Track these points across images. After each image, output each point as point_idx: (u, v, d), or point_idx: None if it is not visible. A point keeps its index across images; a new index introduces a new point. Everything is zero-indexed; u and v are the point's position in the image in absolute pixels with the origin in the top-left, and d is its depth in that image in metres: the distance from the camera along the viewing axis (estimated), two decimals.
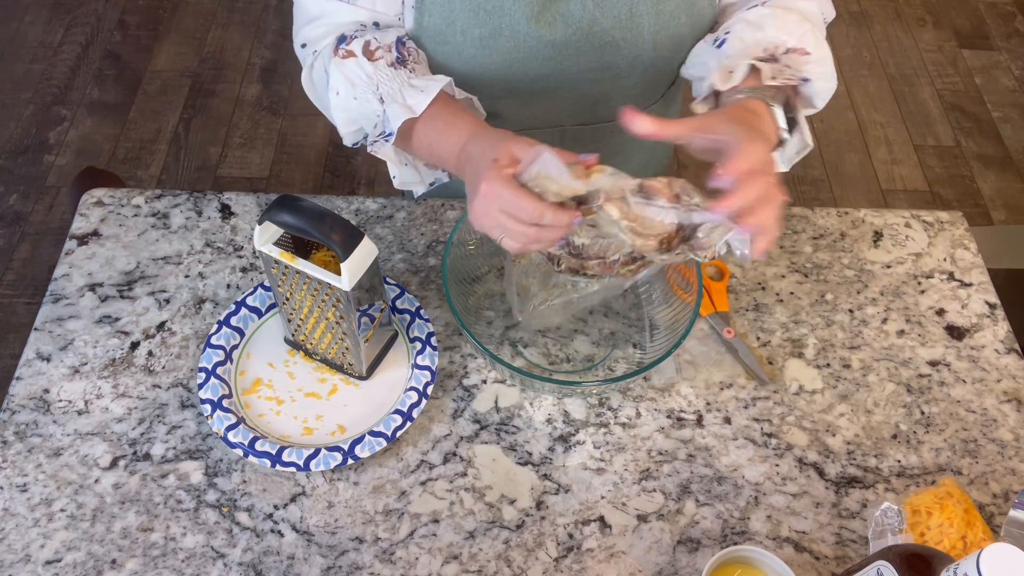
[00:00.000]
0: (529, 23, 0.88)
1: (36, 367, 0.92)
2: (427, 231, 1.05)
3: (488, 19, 0.88)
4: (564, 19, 0.89)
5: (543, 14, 0.88)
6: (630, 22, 0.90)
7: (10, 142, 2.28)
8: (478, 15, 0.88)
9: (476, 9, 0.87)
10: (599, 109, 1.02)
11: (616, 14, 0.89)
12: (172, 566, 0.80)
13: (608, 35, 0.91)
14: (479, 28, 0.88)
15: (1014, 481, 0.89)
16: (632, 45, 0.92)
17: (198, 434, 0.88)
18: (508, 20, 0.88)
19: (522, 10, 0.87)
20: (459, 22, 0.88)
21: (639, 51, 0.92)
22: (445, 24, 0.89)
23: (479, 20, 0.88)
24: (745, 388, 0.94)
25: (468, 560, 0.81)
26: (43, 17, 2.58)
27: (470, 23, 0.88)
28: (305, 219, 0.77)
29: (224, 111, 2.38)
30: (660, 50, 0.93)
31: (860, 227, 1.09)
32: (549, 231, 0.72)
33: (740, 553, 0.76)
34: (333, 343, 0.89)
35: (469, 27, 0.88)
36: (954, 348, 0.98)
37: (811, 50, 0.87)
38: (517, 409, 0.91)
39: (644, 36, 0.91)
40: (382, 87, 0.85)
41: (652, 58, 0.94)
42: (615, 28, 0.90)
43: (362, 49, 0.86)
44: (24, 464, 0.85)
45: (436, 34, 0.90)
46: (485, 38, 0.89)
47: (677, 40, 0.92)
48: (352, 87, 0.87)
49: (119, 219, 1.04)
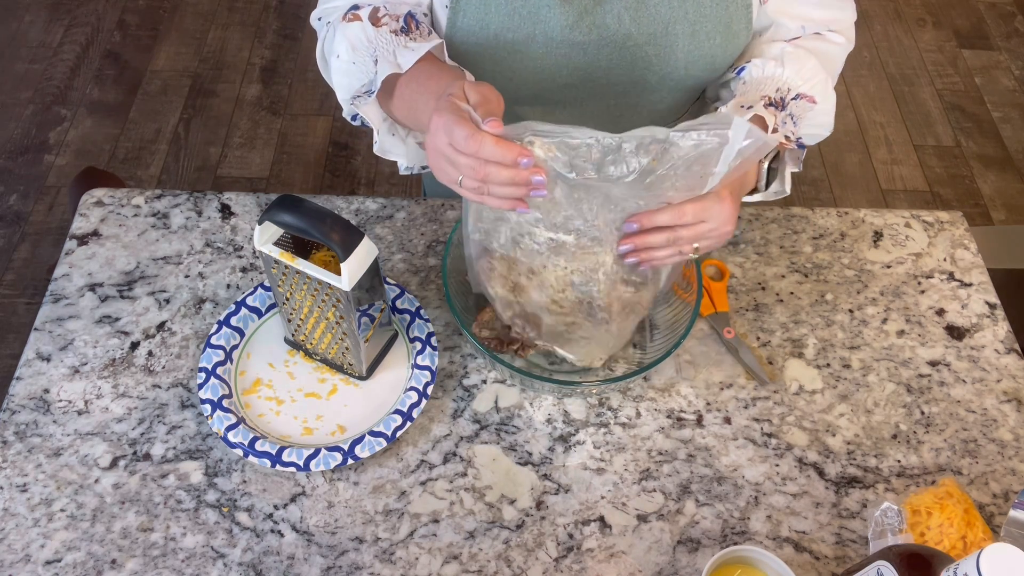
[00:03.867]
0: (563, 31, 0.88)
1: (36, 367, 0.92)
2: (427, 231, 1.05)
3: (522, 24, 0.88)
4: (599, 30, 0.89)
5: (578, 23, 0.88)
6: (665, 39, 0.90)
7: (10, 142, 2.28)
8: (513, 19, 0.87)
9: (511, 13, 0.87)
10: (624, 122, 1.01)
11: (651, 30, 0.89)
12: (172, 566, 0.80)
13: (641, 50, 0.90)
14: (512, 33, 0.88)
15: (1014, 481, 0.89)
16: (664, 62, 0.92)
17: (198, 434, 0.88)
18: (543, 27, 0.88)
19: (557, 18, 0.87)
20: (493, 25, 0.88)
21: (670, 69, 0.92)
22: (479, 26, 0.89)
23: (513, 24, 0.88)
24: (745, 388, 0.94)
25: (468, 560, 0.81)
26: (43, 17, 2.58)
27: (504, 27, 0.88)
28: (305, 219, 0.77)
29: (224, 111, 2.38)
30: (691, 69, 0.93)
31: (860, 227, 1.09)
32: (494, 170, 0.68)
33: (740, 553, 0.76)
34: (333, 343, 0.89)
35: (503, 31, 0.88)
36: (954, 348, 0.98)
37: (819, 100, 0.91)
38: (517, 409, 0.91)
39: (677, 55, 0.91)
40: (379, 50, 0.84)
41: (683, 76, 0.94)
42: (649, 44, 0.90)
43: (369, 15, 0.86)
44: (24, 464, 0.85)
45: (469, 35, 0.90)
46: (518, 43, 0.89)
47: (710, 61, 0.92)
48: (352, 51, 0.85)
49: (119, 219, 1.04)
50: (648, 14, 0.88)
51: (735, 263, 1.04)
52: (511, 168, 0.68)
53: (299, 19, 2.63)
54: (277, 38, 2.58)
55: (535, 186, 0.69)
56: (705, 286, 0.99)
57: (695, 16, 0.88)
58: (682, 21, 0.89)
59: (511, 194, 0.70)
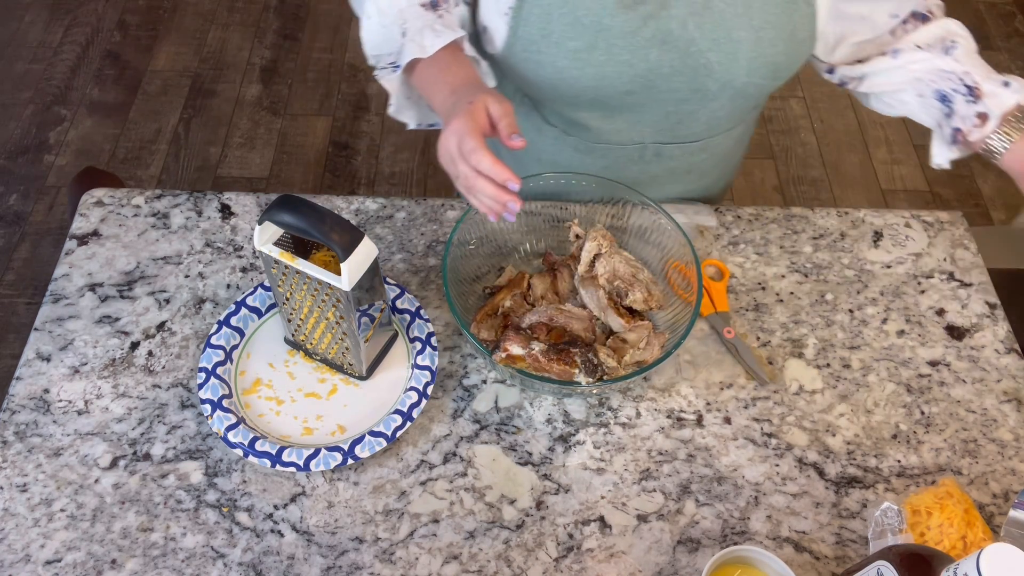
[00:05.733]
0: (626, 38, 0.88)
1: (36, 367, 0.92)
2: (427, 231, 1.05)
3: (584, 32, 0.88)
4: (662, 37, 0.88)
5: (641, 30, 0.88)
6: (728, 46, 0.89)
7: (10, 142, 2.28)
8: (575, 28, 0.88)
9: (574, 22, 0.87)
10: (681, 129, 1.01)
11: (715, 36, 0.89)
12: (172, 566, 0.80)
13: (703, 56, 0.90)
14: (575, 41, 0.88)
15: (1014, 481, 0.89)
16: (726, 69, 0.91)
17: (198, 434, 0.88)
18: (605, 35, 0.88)
19: (620, 25, 0.87)
20: (555, 34, 0.89)
21: (732, 75, 0.92)
22: (541, 35, 0.89)
23: (576, 33, 0.88)
24: (745, 388, 0.94)
25: (468, 560, 0.81)
26: (43, 17, 2.58)
27: (566, 35, 0.88)
28: (305, 219, 0.77)
29: (224, 111, 2.38)
30: (753, 76, 0.92)
31: (860, 227, 1.09)
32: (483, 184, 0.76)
33: (740, 553, 0.76)
34: (333, 343, 0.89)
35: (565, 39, 0.89)
36: (954, 348, 0.98)
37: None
38: (517, 409, 0.91)
39: (740, 61, 0.91)
40: (408, 23, 0.88)
41: (744, 83, 0.94)
42: (711, 50, 0.90)
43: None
44: (24, 464, 0.85)
45: (530, 44, 0.90)
46: (580, 51, 0.89)
47: (772, 68, 0.92)
48: (381, 16, 0.90)
49: (119, 219, 1.04)
50: (712, 20, 0.88)
51: (735, 263, 1.04)
52: (496, 188, 0.76)
53: (299, 19, 2.63)
54: (277, 38, 2.58)
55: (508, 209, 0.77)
56: (705, 286, 1.00)
57: (759, 22, 0.88)
58: (746, 27, 0.88)
59: (492, 206, 0.78)
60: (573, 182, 0.99)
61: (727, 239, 1.06)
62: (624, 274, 0.93)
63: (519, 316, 0.92)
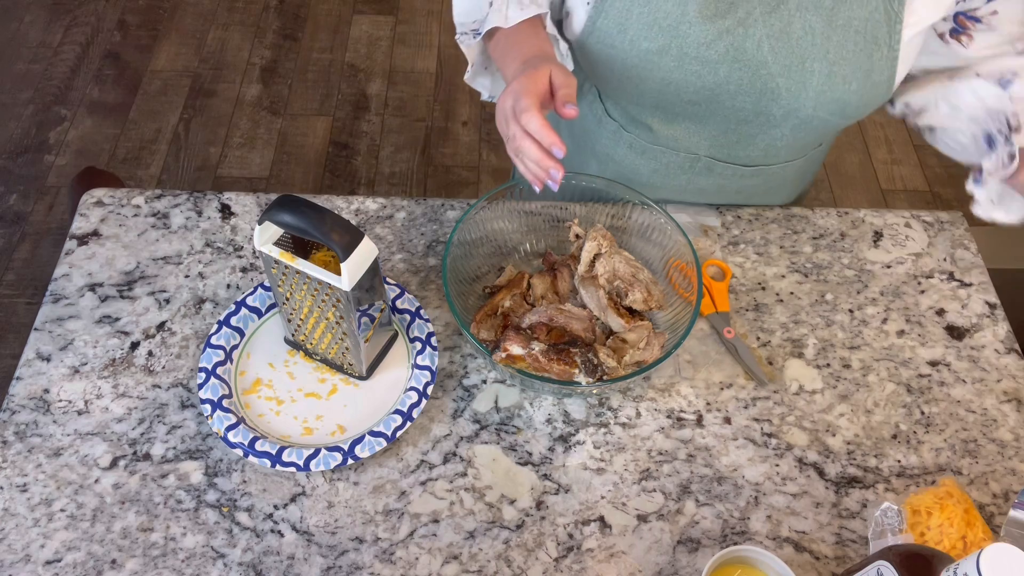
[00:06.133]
0: (699, 48, 0.87)
1: (36, 367, 0.92)
2: (427, 231, 1.05)
3: (660, 35, 0.88)
4: (735, 52, 0.88)
5: (716, 42, 0.87)
6: (799, 74, 0.88)
7: (10, 142, 2.28)
8: (652, 29, 0.88)
9: (651, 23, 0.87)
10: (739, 150, 1.00)
11: (788, 62, 0.88)
12: (172, 566, 0.80)
13: (773, 80, 0.89)
14: (649, 42, 0.88)
15: (1014, 481, 0.89)
16: (793, 97, 0.90)
17: (198, 434, 0.88)
18: (679, 41, 0.87)
19: (697, 34, 0.87)
20: (631, 31, 0.88)
21: (798, 105, 0.91)
22: (617, 30, 0.89)
23: (651, 34, 0.88)
24: (745, 388, 0.94)
25: (468, 560, 0.81)
26: (43, 17, 2.58)
27: (641, 35, 0.88)
28: (305, 219, 0.77)
29: (224, 111, 2.38)
30: (819, 110, 0.91)
31: (860, 227, 1.09)
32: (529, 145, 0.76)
33: (740, 553, 0.76)
34: (333, 343, 0.89)
35: (639, 38, 0.89)
36: (954, 348, 0.98)
37: None
38: (517, 409, 0.91)
39: (808, 92, 0.89)
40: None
41: (809, 115, 0.92)
42: (782, 75, 0.88)
43: None
44: (24, 464, 0.85)
45: (605, 36, 0.90)
46: (652, 52, 0.89)
47: (841, 105, 0.91)
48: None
49: (119, 219, 1.04)
50: (788, 45, 0.87)
51: (735, 263, 1.04)
52: (541, 152, 0.77)
53: (299, 19, 2.63)
54: (277, 38, 2.58)
55: (551, 177, 0.78)
56: (707, 285, 1.00)
57: (835, 56, 0.87)
58: (821, 59, 0.87)
59: (536, 172, 0.78)
60: (573, 182, 0.99)
61: (727, 239, 1.06)
62: (624, 274, 0.93)
63: (519, 316, 0.92)
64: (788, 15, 0.86)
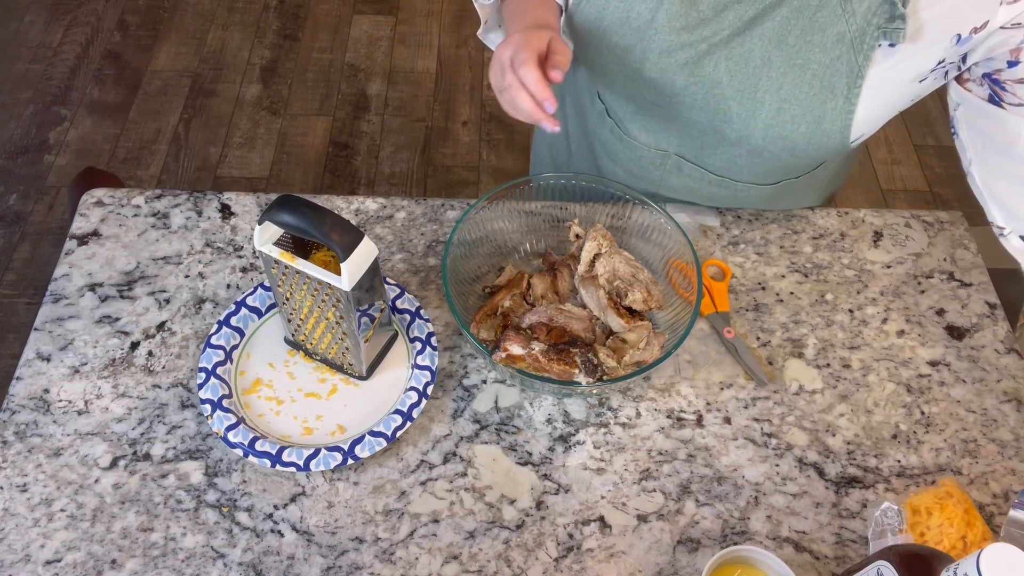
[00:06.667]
0: (660, 56, 0.88)
1: (36, 367, 0.92)
2: (427, 231, 1.05)
3: (628, 34, 0.88)
4: (691, 67, 0.88)
5: (676, 52, 0.87)
6: (751, 102, 0.88)
7: (10, 142, 2.28)
8: (623, 26, 0.88)
9: (624, 20, 0.88)
10: (704, 156, 1.00)
11: (741, 87, 0.88)
12: (172, 566, 0.80)
13: (725, 102, 0.89)
14: (619, 38, 0.89)
15: (1014, 481, 0.89)
16: (743, 123, 0.90)
17: (198, 434, 0.88)
18: (643, 45, 0.88)
19: (661, 41, 0.87)
20: (606, 22, 0.89)
21: (748, 132, 0.90)
22: (595, 18, 0.90)
23: (622, 31, 0.89)
24: (745, 388, 0.94)
25: (468, 560, 0.81)
26: (43, 17, 2.58)
27: (614, 29, 0.89)
28: (305, 219, 0.77)
29: (224, 111, 2.38)
30: (768, 143, 0.90)
31: (860, 227, 1.09)
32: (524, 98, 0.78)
33: (740, 553, 0.76)
34: (333, 343, 0.89)
35: (610, 33, 0.90)
36: (954, 348, 0.98)
37: None
38: (517, 409, 0.91)
39: (757, 122, 0.89)
40: None
41: (760, 146, 0.91)
42: (734, 99, 0.88)
43: None
44: (24, 464, 0.85)
45: (585, 21, 0.91)
46: (621, 48, 0.90)
47: (789, 143, 0.89)
48: None
49: (119, 219, 1.04)
50: (744, 71, 0.87)
51: (735, 263, 1.04)
52: (534, 105, 0.79)
53: (299, 19, 2.63)
54: (277, 38, 2.58)
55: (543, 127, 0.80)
56: (707, 285, 1.00)
57: (787, 94, 0.86)
58: (774, 93, 0.86)
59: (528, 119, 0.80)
60: (573, 182, 0.99)
61: (727, 239, 1.06)
62: (624, 274, 0.93)
63: (519, 316, 0.92)
64: (751, 43, 0.86)
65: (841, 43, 0.82)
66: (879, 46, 0.82)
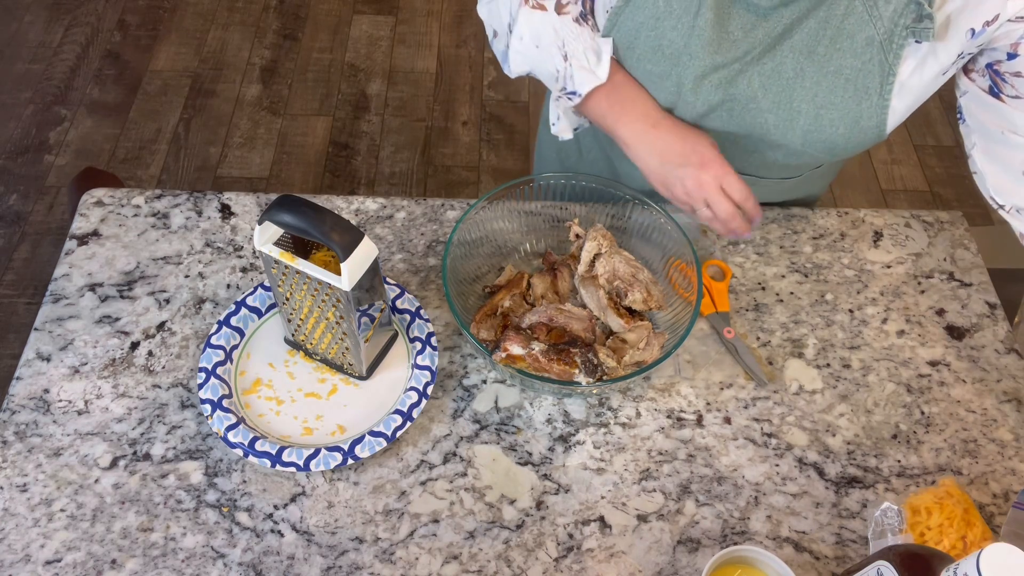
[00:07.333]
0: (695, 80, 0.88)
1: (36, 367, 0.92)
2: (427, 231, 1.05)
3: (662, 60, 0.89)
4: (725, 87, 0.89)
5: (709, 76, 0.88)
6: (787, 112, 0.89)
7: (10, 142, 2.28)
8: (655, 53, 0.89)
9: (656, 48, 0.89)
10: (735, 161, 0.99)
11: (776, 99, 0.89)
12: (172, 566, 0.80)
13: (762, 115, 0.90)
14: (653, 65, 0.90)
15: (1014, 481, 0.89)
16: (782, 133, 0.91)
17: (198, 434, 0.88)
18: (677, 70, 0.89)
19: (696, 66, 0.87)
20: (639, 49, 0.90)
21: (788, 140, 0.92)
22: (627, 48, 0.91)
23: (655, 58, 0.89)
24: (745, 388, 0.94)
25: (468, 560, 0.81)
26: (43, 17, 2.58)
27: (646, 56, 0.90)
28: (305, 219, 0.77)
29: (224, 111, 2.38)
30: (808, 147, 0.92)
31: (860, 227, 1.09)
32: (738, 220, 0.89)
33: (740, 553, 0.76)
34: (333, 343, 0.89)
35: (644, 60, 0.90)
36: (954, 348, 0.98)
37: None
38: (517, 409, 0.91)
39: (796, 130, 0.90)
40: (568, 45, 0.90)
41: (799, 151, 0.93)
42: (770, 112, 0.90)
43: (554, 5, 0.89)
44: (24, 464, 0.85)
45: (620, 46, 0.92)
46: (654, 74, 0.90)
47: (829, 146, 0.91)
48: (537, 38, 0.91)
49: (119, 219, 1.04)
50: (779, 84, 0.88)
51: (735, 263, 1.04)
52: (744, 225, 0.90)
53: (299, 19, 2.63)
54: (277, 38, 2.58)
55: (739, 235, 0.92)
56: (707, 285, 0.99)
57: (823, 100, 0.87)
58: (809, 102, 0.88)
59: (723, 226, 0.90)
60: (573, 182, 0.99)
61: (727, 239, 1.06)
62: (624, 274, 0.93)
63: (519, 316, 0.92)
64: (782, 56, 0.87)
65: (871, 46, 0.84)
66: (908, 44, 0.84)
